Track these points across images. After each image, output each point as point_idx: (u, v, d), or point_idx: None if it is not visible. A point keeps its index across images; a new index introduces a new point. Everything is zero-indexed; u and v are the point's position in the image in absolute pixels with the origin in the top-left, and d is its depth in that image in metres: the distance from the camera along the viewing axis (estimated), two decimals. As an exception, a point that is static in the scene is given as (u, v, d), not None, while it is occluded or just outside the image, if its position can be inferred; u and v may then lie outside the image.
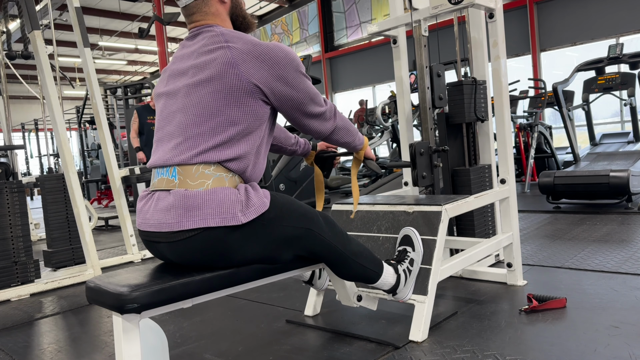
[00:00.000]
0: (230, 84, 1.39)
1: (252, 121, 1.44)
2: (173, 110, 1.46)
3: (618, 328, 1.88)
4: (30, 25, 3.51)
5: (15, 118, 19.21)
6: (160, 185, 1.45)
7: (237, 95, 1.41)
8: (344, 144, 1.74)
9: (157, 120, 1.53)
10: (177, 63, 1.52)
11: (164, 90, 1.53)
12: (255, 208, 1.41)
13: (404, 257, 1.93)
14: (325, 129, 1.61)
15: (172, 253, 1.42)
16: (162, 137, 1.48)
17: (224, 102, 1.40)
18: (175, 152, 1.42)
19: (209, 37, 1.46)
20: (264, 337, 2.13)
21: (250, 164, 1.47)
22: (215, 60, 1.40)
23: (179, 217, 1.36)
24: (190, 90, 1.43)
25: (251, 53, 1.41)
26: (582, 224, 3.86)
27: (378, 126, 8.38)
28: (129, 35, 18.85)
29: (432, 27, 10.43)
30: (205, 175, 1.40)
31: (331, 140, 1.68)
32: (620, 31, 10.46)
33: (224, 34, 1.45)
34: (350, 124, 1.71)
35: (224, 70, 1.39)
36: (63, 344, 2.32)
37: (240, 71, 1.39)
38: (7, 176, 3.71)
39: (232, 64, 1.39)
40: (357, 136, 1.76)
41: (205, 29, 1.50)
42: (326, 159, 2.04)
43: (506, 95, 2.50)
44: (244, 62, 1.40)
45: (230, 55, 1.40)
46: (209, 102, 1.40)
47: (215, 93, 1.40)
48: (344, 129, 1.68)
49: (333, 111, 1.62)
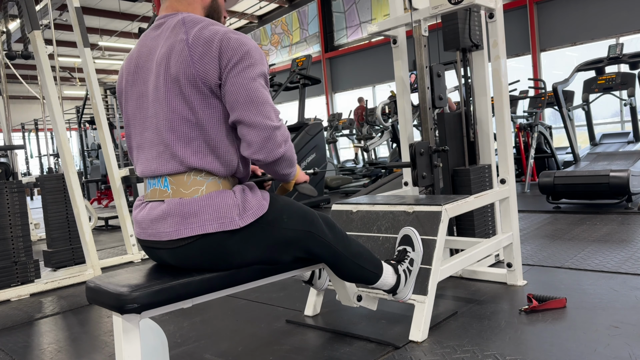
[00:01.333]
0: (190, 85, 1.33)
1: (222, 123, 1.38)
2: (148, 115, 1.41)
3: (618, 328, 1.87)
4: (30, 25, 3.51)
5: (15, 118, 19.21)
6: (153, 196, 1.43)
7: (199, 97, 1.34)
8: (281, 176, 1.48)
9: (131, 124, 1.47)
10: (143, 58, 1.45)
11: (135, 92, 1.46)
12: (253, 211, 1.40)
13: (404, 257, 1.93)
14: (271, 154, 1.36)
15: (172, 259, 1.42)
16: (142, 144, 1.44)
17: (189, 106, 1.34)
18: (159, 161, 1.39)
19: (172, 28, 1.40)
20: (264, 337, 2.13)
21: (237, 165, 1.44)
22: (175, 58, 1.34)
23: (177, 225, 1.35)
24: (158, 93, 1.37)
25: (208, 43, 1.33)
26: (582, 224, 3.86)
27: (378, 126, 8.38)
28: (129, 35, 18.84)
29: (432, 27, 10.42)
30: (198, 181, 1.38)
31: (269, 169, 1.42)
32: (620, 31, 10.46)
33: (185, 22, 1.39)
34: (294, 154, 1.46)
35: (182, 70, 1.33)
36: (63, 344, 2.32)
37: (196, 70, 1.32)
38: (7, 176, 3.71)
39: (189, 63, 1.33)
40: (295, 167, 1.50)
41: (169, 17, 1.45)
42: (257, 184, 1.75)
43: (506, 95, 2.50)
44: (200, 57, 1.32)
45: (187, 51, 1.33)
46: (177, 107, 1.35)
47: (180, 97, 1.34)
48: (289, 160, 1.43)
49: (285, 136, 1.39)
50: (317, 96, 16.93)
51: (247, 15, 18.45)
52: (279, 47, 18.46)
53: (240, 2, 16.81)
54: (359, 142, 8.51)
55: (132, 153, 1.51)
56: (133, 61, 1.48)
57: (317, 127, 6.73)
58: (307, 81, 7.15)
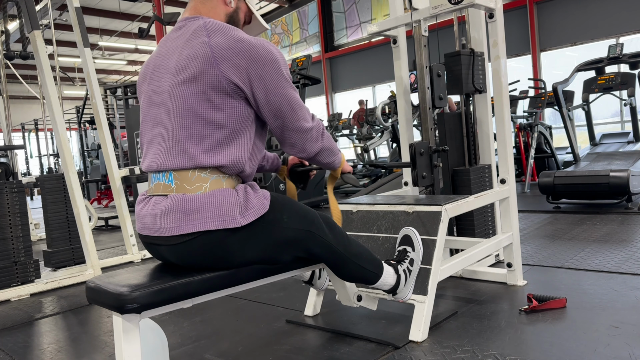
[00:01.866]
0: (211, 85, 1.35)
1: (238, 124, 1.40)
2: (160, 112, 1.43)
3: (618, 328, 1.88)
4: (30, 25, 3.51)
5: (15, 118, 19.21)
6: (157, 190, 1.44)
7: (220, 96, 1.36)
8: (326, 165, 1.64)
9: (145, 120, 1.49)
10: (161, 58, 1.47)
11: (149, 89, 1.48)
12: (255, 210, 1.40)
13: (404, 257, 1.93)
14: (311, 150, 1.52)
15: (173, 255, 1.42)
16: (152, 139, 1.46)
17: (207, 105, 1.36)
18: (167, 156, 1.40)
19: (192, 31, 1.42)
20: (264, 337, 2.13)
21: (244, 167, 1.45)
22: (196, 58, 1.36)
23: (178, 221, 1.35)
24: (174, 90, 1.39)
25: (232, 49, 1.36)
26: (582, 224, 3.86)
27: (378, 126, 8.38)
28: (129, 35, 18.84)
29: (432, 27, 10.43)
30: (202, 178, 1.39)
31: (314, 160, 1.59)
32: (620, 31, 10.46)
33: (207, 27, 1.41)
34: (334, 143, 1.61)
35: (204, 70, 1.35)
36: (63, 344, 2.32)
37: (220, 70, 1.35)
38: (7, 176, 3.71)
39: (211, 63, 1.35)
40: (338, 155, 1.66)
41: (190, 21, 1.47)
42: (301, 174, 1.91)
43: (506, 95, 2.50)
44: (223, 60, 1.35)
45: (210, 53, 1.35)
46: (193, 104, 1.37)
47: (198, 95, 1.36)
48: (328, 149, 1.59)
49: (321, 130, 1.53)
50: (317, 96, 16.94)
51: (247, 15, 18.42)
52: (279, 47, 18.45)
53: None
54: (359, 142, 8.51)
55: (143, 149, 1.53)
56: (152, 61, 1.51)
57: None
58: (307, 81, 7.15)
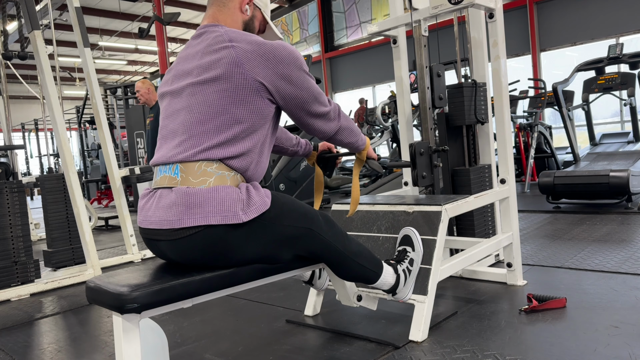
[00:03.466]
0: (236, 83, 1.41)
1: (257, 119, 1.46)
2: (177, 109, 1.47)
3: (618, 328, 1.88)
4: (30, 25, 3.51)
5: (15, 118, 19.21)
6: (162, 182, 1.46)
7: (243, 94, 1.42)
8: (347, 145, 1.73)
9: (162, 119, 1.54)
10: (182, 63, 1.53)
11: (169, 90, 1.54)
12: (257, 207, 1.42)
13: (404, 257, 1.93)
14: (330, 129, 1.62)
15: (173, 251, 1.42)
16: (166, 135, 1.50)
17: (230, 101, 1.41)
18: (178, 149, 1.43)
19: (213, 37, 1.47)
20: (264, 337, 2.13)
21: (252, 163, 1.48)
22: (220, 60, 1.42)
23: (180, 214, 1.36)
24: (195, 89, 1.44)
25: (255, 52, 1.43)
26: (582, 224, 3.86)
27: (378, 126, 8.38)
28: (129, 35, 18.84)
29: (432, 27, 10.43)
30: (208, 173, 1.41)
31: (335, 140, 1.68)
32: (620, 31, 10.46)
33: (228, 34, 1.46)
34: (354, 124, 1.72)
35: (229, 70, 1.40)
36: (63, 344, 2.33)
37: (245, 70, 1.41)
38: (7, 176, 3.72)
39: (237, 64, 1.41)
40: (360, 136, 1.76)
41: (210, 28, 1.52)
42: (328, 159, 2.03)
43: (506, 95, 2.50)
44: (248, 61, 1.41)
45: (235, 54, 1.41)
46: (214, 101, 1.41)
47: (221, 92, 1.41)
48: (347, 129, 1.68)
49: (337, 111, 1.63)
50: (317, 96, 16.90)
51: (247, 15, 18.43)
52: (279, 47, 18.44)
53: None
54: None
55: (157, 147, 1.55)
56: (173, 68, 1.57)
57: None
58: (307, 81, 7.14)
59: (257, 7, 1.65)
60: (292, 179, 6.19)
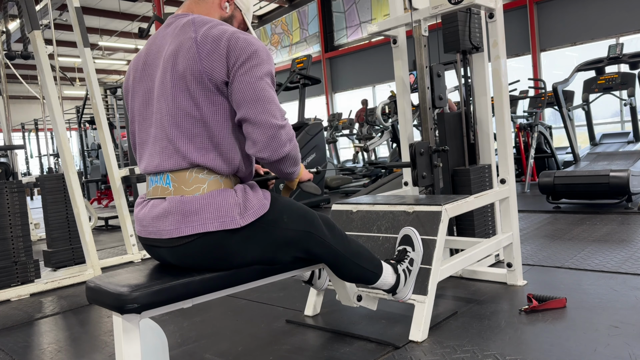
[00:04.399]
0: (195, 82, 1.35)
1: (226, 120, 1.39)
2: (153, 111, 1.43)
3: (618, 328, 1.88)
4: (30, 25, 3.51)
5: (15, 118, 19.20)
6: (155, 193, 1.44)
7: (203, 93, 1.36)
8: (285, 174, 1.49)
9: (136, 120, 1.49)
10: (151, 56, 1.47)
11: (141, 88, 1.48)
12: (254, 210, 1.40)
13: (404, 257, 1.93)
14: (276, 153, 1.37)
15: (172, 257, 1.42)
16: (146, 140, 1.46)
17: (194, 102, 1.36)
18: (162, 156, 1.40)
19: (181, 27, 1.42)
20: (264, 337, 2.13)
21: (240, 164, 1.45)
22: (181, 54, 1.36)
23: (177, 223, 1.35)
24: (164, 89, 1.39)
25: (216, 41, 1.35)
26: (582, 224, 3.86)
27: (378, 126, 8.38)
28: (129, 35, 18.83)
29: (432, 27, 10.43)
30: (200, 179, 1.39)
31: (273, 167, 1.44)
32: (620, 31, 10.46)
33: (195, 22, 1.41)
34: (299, 152, 1.48)
35: (188, 66, 1.35)
36: (63, 344, 2.32)
37: (203, 67, 1.34)
38: (7, 176, 3.72)
39: (195, 59, 1.34)
40: (299, 166, 1.53)
41: (180, 17, 1.47)
42: (258, 183, 1.80)
43: (506, 95, 2.50)
44: (207, 54, 1.34)
45: (195, 48, 1.35)
46: (181, 102, 1.36)
47: (185, 92, 1.36)
48: (293, 158, 1.44)
49: (290, 135, 1.40)
50: (317, 96, 16.93)
51: (247, 15, 18.43)
52: (279, 47, 18.46)
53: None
54: (359, 142, 8.51)
55: (135, 150, 1.52)
56: (142, 58, 1.50)
57: (317, 127, 6.73)
58: (307, 81, 7.15)
59: (237, 8, 1.58)
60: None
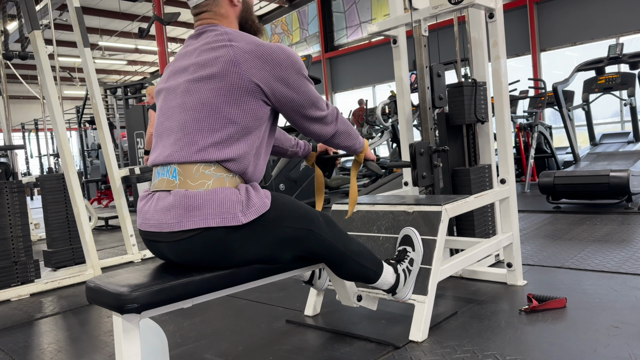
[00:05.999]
0: (231, 82, 1.40)
1: (251, 121, 1.44)
2: (173, 106, 1.47)
3: (618, 328, 1.88)
4: (30, 25, 3.51)
5: (15, 118, 19.21)
6: (160, 185, 1.45)
7: (238, 93, 1.41)
8: (345, 148, 1.73)
9: (157, 116, 1.54)
10: (179, 60, 1.52)
11: (164, 86, 1.53)
12: (256, 208, 1.41)
13: (404, 257, 1.93)
14: (326, 133, 1.62)
15: (173, 253, 1.42)
16: (162, 133, 1.49)
17: (224, 100, 1.40)
18: (175, 147, 1.42)
19: (213, 36, 1.47)
20: (264, 337, 2.13)
21: (249, 165, 1.47)
22: (217, 58, 1.41)
23: (179, 217, 1.36)
24: (190, 86, 1.43)
25: (253, 53, 1.42)
26: (582, 224, 3.86)
27: (378, 126, 8.38)
28: (129, 35, 18.84)
29: (432, 27, 10.43)
30: (206, 175, 1.40)
31: (331, 143, 1.68)
32: (620, 31, 10.46)
33: (228, 33, 1.46)
34: (352, 128, 1.72)
35: (225, 69, 1.40)
36: (63, 344, 2.32)
37: (241, 70, 1.40)
38: (7, 176, 3.72)
39: (234, 63, 1.40)
40: (358, 140, 1.76)
41: (209, 28, 1.52)
42: (327, 160, 2.03)
43: (506, 95, 2.50)
44: (245, 61, 1.41)
45: (232, 53, 1.40)
46: (209, 99, 1.40)
47: (215, 90, 1.40)
48: (345, 133, 1.68)
49: (335, 115, 1.62)
50: (317, 96, 16.91)
51: (247, 15, 18.45)
52: (279, 47, 18.45)
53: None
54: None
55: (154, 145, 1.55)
56: (171, 66, 1.56)
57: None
58: (307, 81, 7.13)
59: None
60: (292, 179, 6.19)
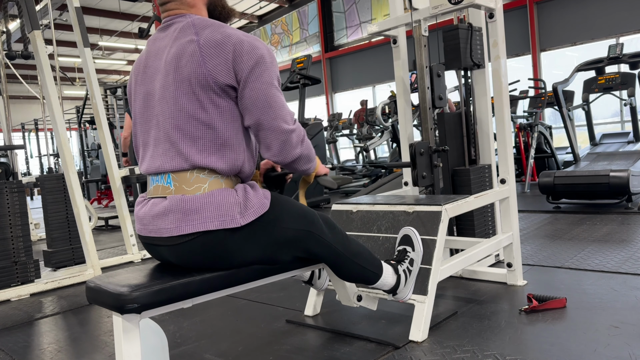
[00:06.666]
0: (200, 85, 1.35)
1: (229, 124, 1.39)
2: (155, 114, 1.43)
3: (618, 328, 1.87)
4: (30, 25, 3.50)
5: (15, 118, 19.20)
6: (156, 192, 1.44)
7: (208, 96, 1.36)
8: (300, 172, 1.57)
9: (138, 122, 1.49)
10: (151, 58, 1.47)
11: (142, 90, 1.48)
12: (254, 210, 1.40)
13: (404, 257, 1.93)
14: (288, 155, 1.45)
15: (172, 256, 1.42)
16: (148, 142, 1.46)
17: (198, 105, 1.36)
18: (165, 158, 1.40)
19: (180, 30, 1.42)
20: (264, 337, 2.13)
21: (242, 165, 1.45)
22: (184, 57, 1.36)
23: (178, 222, 1.35)
24: (165, 92, 1.39)
25: (219, 46, 1.36)
26: (582, 224, 3.86)
27: (378, 126, 8.38)
28: (129, 35, 18.83)
29: (432, 27, 10.43)
30: (201, 179, 1.39)
31: (289, 167, 1.51)
32: (620, 31, 10.46)
33: (195, 25, 1.41)
34: (312, 150, 1.55)
35: (192, 70, 1.35)
36: (63, 344, 2.32)
37: (207, 70, 1.34)
38: (7, 176, 3.72)
39: (199, 63, 1.35)
40: (314, 162, 1.59)
41: (177, 19, 1.46)
42: (276, 179, 1.82)
43: (506, 95, 2.50)
44: (211, 57, 1.35)
45: (198, 51, 1.35)
46: (184, 105, 1.36)
47: (188, 95, 1.36)
48: (306, 157, 1.51)
49: (301, 136, 1.47)
50: (317, 96, 16.93)
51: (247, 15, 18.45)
52: (279, 47, 18.45)
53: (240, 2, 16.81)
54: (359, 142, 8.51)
55: (137, 152, 1.52)
56: (142, 62, 1.50)
57: (317, 127, 6.74)
58: (307, 81, 7.16)
59: None
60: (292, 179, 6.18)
